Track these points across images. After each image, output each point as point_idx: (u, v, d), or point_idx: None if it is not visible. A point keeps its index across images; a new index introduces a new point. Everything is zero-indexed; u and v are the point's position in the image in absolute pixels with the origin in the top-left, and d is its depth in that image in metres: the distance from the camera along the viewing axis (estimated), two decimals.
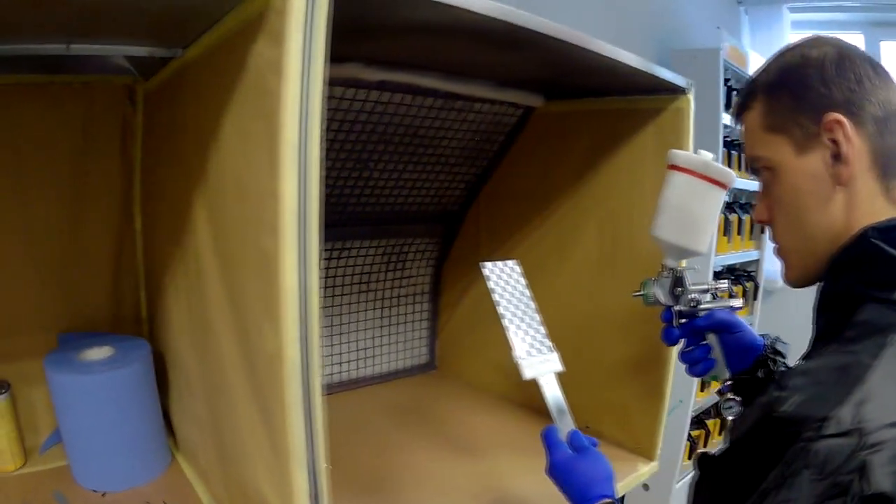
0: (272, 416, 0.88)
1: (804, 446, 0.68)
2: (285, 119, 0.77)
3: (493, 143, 1.97)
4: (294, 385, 0.83)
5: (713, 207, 1.22)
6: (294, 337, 0.81)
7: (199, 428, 1.31)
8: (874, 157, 0.88)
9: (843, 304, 0.85)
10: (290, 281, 0.80)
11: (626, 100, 1.66)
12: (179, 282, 1.32)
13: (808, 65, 0.91)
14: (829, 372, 0.75)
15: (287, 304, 0.80)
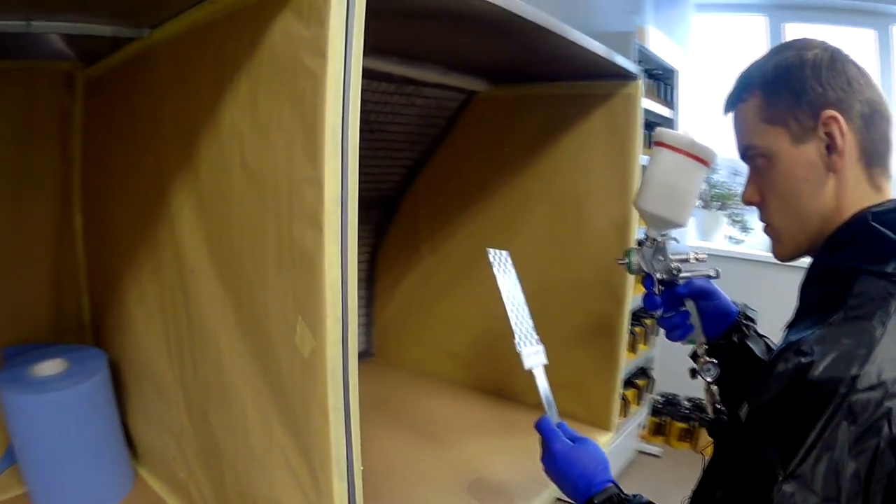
0: (304, 422, 0.82)
1: (842, 401, 0.76)
2: (328, 102, 0.71)
3: (435, 128, 1.93)
4: (334, 387, 0.77)
5: (696, 183, 1.27)
6: (337, 338, 0.76)
7: (177, 441, 1.21)
8: (861, 149, 0.97)
9: (839, 278, 0.92)
10: (332, 277, 0.75)
11: (575, 85, 1.65)
12: (146, 283, 1.21)
13: (805, 65, 0.98)
14: (847, 339, 0.82)
15: (329, 302, 0.75)
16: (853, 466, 0.75)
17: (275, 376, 0.87)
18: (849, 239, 0.96)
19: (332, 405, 0.77)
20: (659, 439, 4.18)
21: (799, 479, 0.77)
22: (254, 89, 0.85)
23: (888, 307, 0.83)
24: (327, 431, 0.79)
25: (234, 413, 0.98)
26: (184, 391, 1.14)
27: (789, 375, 0.83)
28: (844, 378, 0.78)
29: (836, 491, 0.75)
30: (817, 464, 0.76)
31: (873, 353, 0.79)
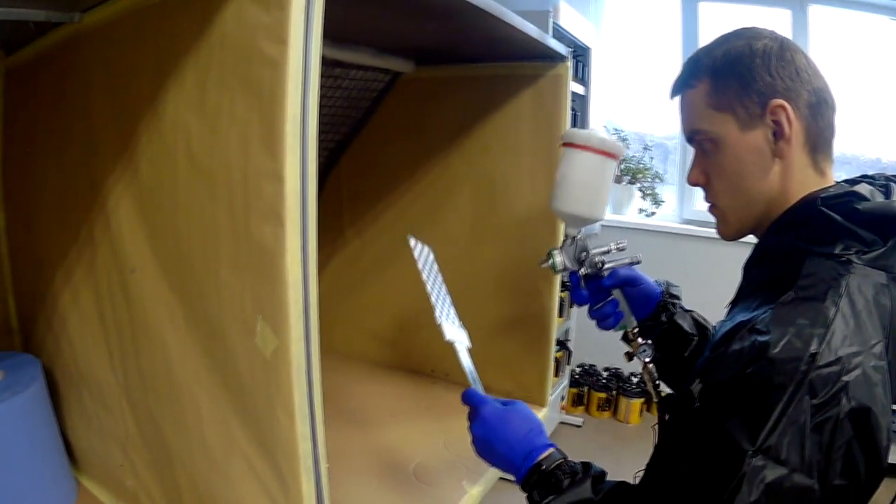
0: (268, 424, 0.78)
1: (803, 378, 0.80)
2: (288, 91, 0.67)
3: (358, 110, 1.88)
4: (299, 386, 0.73)
5: (608, 177, 1.30)
6: (300, 335, 0.72)
7: (122, 446, 1.13)
8: (807, 136, 1.00)
9: (787, 259, 0.96)
10: (294, 272, 0.71)
11: (503, 66, 1.63)
12: (79, 284, 1.13)
13: (754, 54, 1.00)
14: (802, 318, 0.85)
15: (292, 298, 0.71)
16: (815, 437, 0.78)
17: (233, 379, 0.83)
18: (797, 221, 0.99)
19: (298, 404, 0.74)
20: (579, 409, 4.25)
21: (767, 452, 0.80)
22: (201, 78, 0.79)
23: (839, 287, 0.87)
24: (294, 432, 0.75)
25: (188, 418, 0.93)
26: (128, 397, 1.08)
27: (748, 354, 0.85)
28: (804, 356, 0.81)
29: (800, 461, 0.78)
30: (783, 437, 0.79)
31: (829, 330, 0.83)
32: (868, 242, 0.92)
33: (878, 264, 0.91)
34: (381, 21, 1.27)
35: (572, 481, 1.03)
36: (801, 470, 0.79)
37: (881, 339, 0.86)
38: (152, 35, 0.87)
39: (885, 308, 0.88)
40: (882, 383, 0.83)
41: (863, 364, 0.82)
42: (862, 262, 0.90)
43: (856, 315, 0.86)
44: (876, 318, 0.87)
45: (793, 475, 0.79)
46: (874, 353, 0.84)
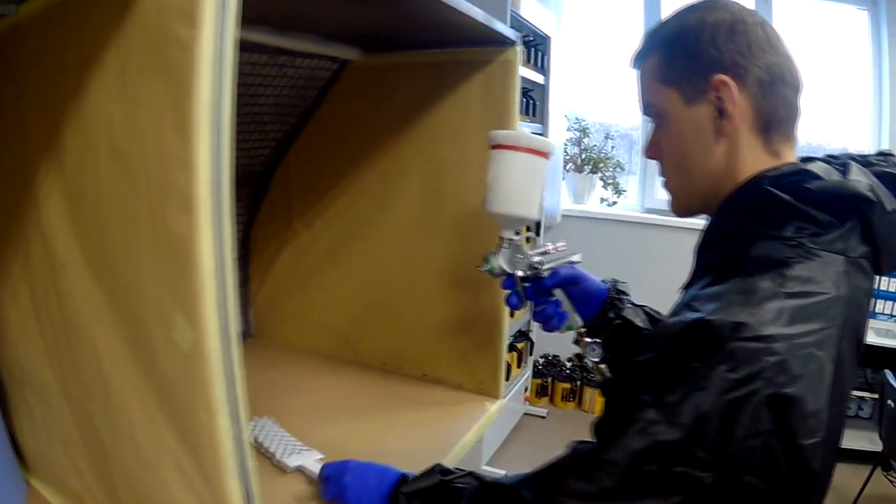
0: (189, 421, 0.76)
1: (722, 345, 0.77)
2: (201, 76, 0.64)
3: (305, 99, 1.84)
4: (219, 382, 0.70)
5: (539, 176, 1.29)
6: (215, 328, 0.69)
7: (65, 448, 1.10)
8: (756, 116, 0.96)
9: (736, 241, 0.92)
10: (208, 263, 0.67)
11: (452, 52, 1.61)
12: (17, 280, 1.09)
13: (703, 28, 0.97)
14: (737, 294, 0.83)
15: (206, 290, 0.68)
16: (725, 415, 0.75)
17: (157, 375, 0.80)
18: (745, 202, 0.96)
19: (219, 400, 0.71)
20: (543, 400, 4.26)
21: (665, 409, 0.78)
22: (123, 66, 0.76)
23: (784, 270, 0.84)
24: (216, 430, 0.72)
25: (120, 417, 0.90)
26: (66, 395, 1.04)
27: (676, 326, 0.84)
28: (727, 323, 0.79)
29: (700, 436, 0.76)
30: (685, 400, 0.77)
31: (761, 308, 0.80)
32: (823, 224, 0.88)
33: (834, 248, 0.87)
34: (321, 6, 1.24)
35: None
36: (696, 443, 0.76)
37: (827, 329, 0.82)
38: (79, 23, 0.84)
39: (838, 296, 0.84)
40: (813, 375, 0.79)
41: (792, 350, 0.78)
42: (816, 245, 0.87)
43: (797, 300, 0.81)
44: (824, 306, 0.83)
45: (685, 445, 0.76)
46: (810, 341, 0.80)
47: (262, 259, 2.12)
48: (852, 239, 0.89)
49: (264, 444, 1.39)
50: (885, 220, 0.90)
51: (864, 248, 0.90)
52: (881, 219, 0.89)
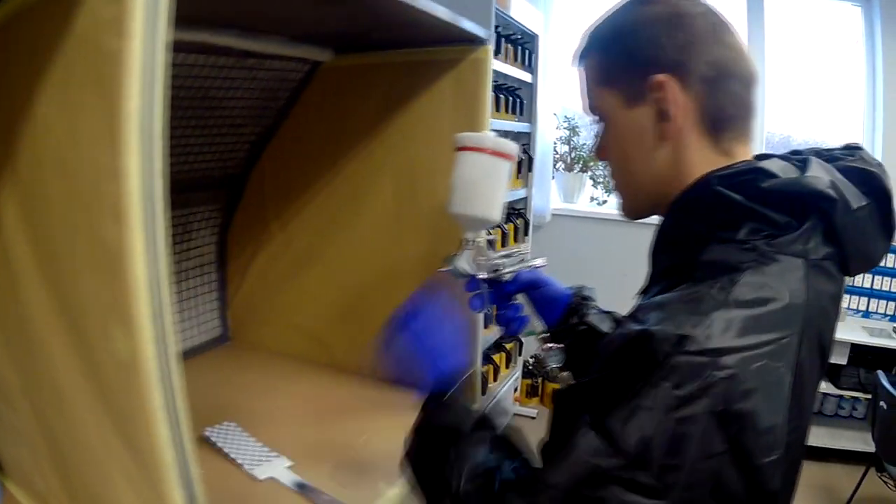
0: (131, 428, 0.76)
1: (665, 359, 0.73)
2: (129, 85, 0.64)
3: (278, 101, 1.85)
4: (156, 391, 0.70)
5: (502, 179, 1.28)
6: (149, 337, 0.69)
7: (30, 449, 1.11)
8: (701, 115, 0.91)
9: (688, 244, 0.88)
10: (140, 273, 0.67)
11: (423, 51, 1.61)
12: None
13: (641, 24, 0.93)
14: (683, 303, 0.79)
15: (139, 300, 0.68)
16: (667, 437, 0.71)
17: (102, 383, 0.80)
18: (694, 204, 0.90)
19: (157, 407, 0.71)
20: (534, 401, 4.26)
21: (606, 434, 0.73)
22: (66, 79, 0.76)
23: (735, 276, 0.78)
24: (157, 437, 0.72)
25: (74, 421, 0.91)
26: (28, 397, 1.05)
27: (618, 340, 0.80)
28: (670, 336, 0.74)
29: (645, 461, 0.71)
30: (627, 422, 0.72)
31: (708, 318, 0.74)
32: (780, 225, 0.82)
33: (793, 250, 0.81)
34: (281, 8, 1.24)
35: None
36: (640, 469, 0.71)
37: (784, 338, 0.76)
38: (29, 37, 0.84)
39: (797, 303, 0.79)
40: (769, 388, 0.74)
41: (745, 363, 0.72)
42: (772, 248, 0.81)
43: (749, 309, 0.76)
44: (780, 314, 0.77)
45: (629, 471, 0.72)
46: (765, 352, 0.74)
47: (240, 261, 2.13)
48: (813, 240, 0.83)
49: (230, 454, 1.41)
50: (850, 219, 0.84)
51: (827, 249, 0.84)
52: (845, 217, 0.84)
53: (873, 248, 0.90)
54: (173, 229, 1.92)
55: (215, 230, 2.10)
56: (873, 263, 0.92)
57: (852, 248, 0.86)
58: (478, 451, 0.95)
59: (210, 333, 2.16)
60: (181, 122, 1.66)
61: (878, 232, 0.90)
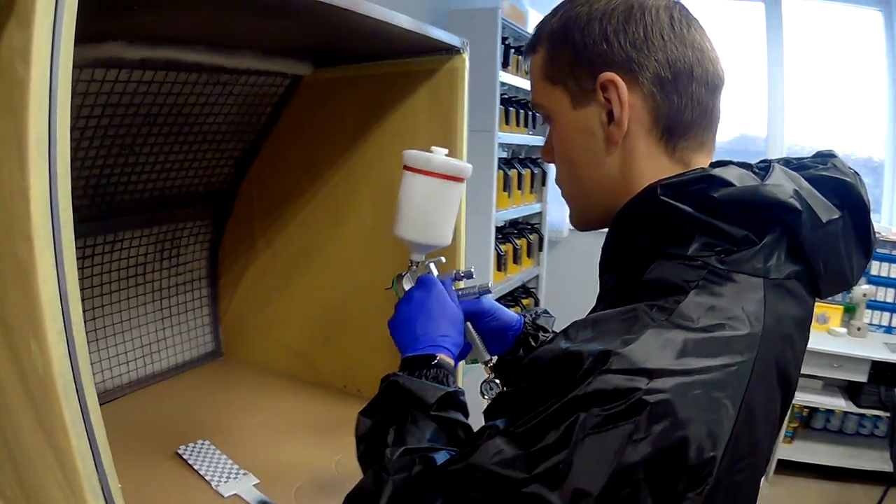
0: (56, 441, 0.79)
1: (585, 380, 0.67)
2: (34, 111, 0.68)
3: (260, 116, 1.88)
4: (72, 405, 0.74)
5: (450, 202, 1.24)
6: (62, 352, 0.73)
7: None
8: (655, 119, 0.84)
9: (633, 260, 0.81)
10: (48, 290, 0.71)
11: (398, 63, 1.63)
12: None
13: (591, 17, 0.85)
14: (617, 321, 0.72)
15: (48, 316, 0.71)
16: (579, 461, 0.64)
17: (31, 392, 0.83)
18: (639, 216, 0.83)
19: (70, 420, 0.74)
20: None
21: (514, 441, 0.69)
22: None
23: (680, 297, 0.72)
24: (70, 449, 0.75)
25: (22, 431, 0.93)
26: None
27: (543, 358, 0.74)
28: (594, 352, 0.68)
29: (550, 480, 0.65)
30: (536, 440, 0.67)
31: (636, 337, 0.68)
32: (737, 240, 0.75)
33: (750, 268, 0.75)
34: (222, 22, 1.25)
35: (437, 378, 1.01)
36: (544, 482, 0.65)
37: (732, 366, 0.69)
38: None
39: (750, 330, 0.72)
40: (704, 420, 0.66)
41: (680, 389, 0.65)
42: (725, 265, 0.74)
43: (693, 332, 0.69)
44: (729, 340, 0.70)
45: (530, 485, 0.65)
46: (706, 380, 0.67)
47: (230, 276, 2.18)
48: (775, 257, 0.76)
49: (199, 470, 1.45)
50: (820, 234, 0.77)
51: (793, 267, 0.78)
52: (814, 232, 0.77)
53: (848, 266, 0.83)
54: (161, 244, 1.97)
55: (206, 245, 2.14)
56: (848, 284, 0.85)
57: (822, 267, 0.80)
58: (426, 430, 0.92)
59: (203, 349, 2.20)
60: (159, 139, 1.70)
61: (854, 248, 0.83)
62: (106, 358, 1.88)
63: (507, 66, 3.31)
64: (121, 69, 1.41)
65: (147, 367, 2.02)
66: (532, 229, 3.99)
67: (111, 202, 1.73)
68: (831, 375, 3.77)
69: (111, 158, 1.62)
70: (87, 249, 1.75)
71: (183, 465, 1.51)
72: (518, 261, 3.76)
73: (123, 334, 1.94)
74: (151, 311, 2.03)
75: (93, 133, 1.51)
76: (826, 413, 4.17)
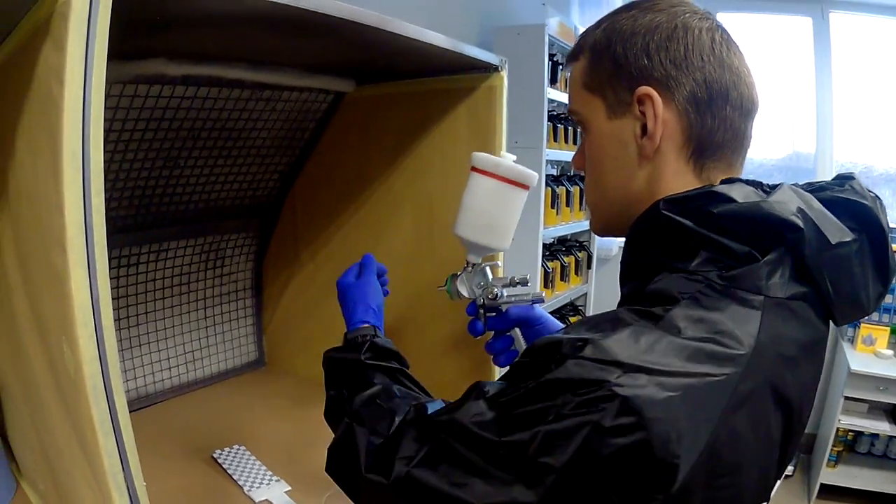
0: (85, 439, 0.84)
1: (559, 365, 0.71)
2: (67, 128, 0.73)
3: (304, 131, 1.93)
4: (100, 405, 0.78)
5: (514, 207, 1.27)
6: (92, 355, 0.77)
7: (32, 452, 1.23)
8: (687, 137, 0.86)
9: (645, 273, 0.83)
10: (81, 297, 0.75)
11: (438, 80, 1.66)
12: None
13: (635, 31, 0.87)
14: (606, 320, 0.75)
15: (80, 321, 0.76)
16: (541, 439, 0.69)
17: (63, 393, 0.89)
18: (649, 230, 0.85)
19: (98, 420, 0.78)
20: None
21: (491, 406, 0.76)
22: (30, 122, 0.87)
23: (669, 307, 0.74)
24: (97, 447, 0.79)
25: (55, 430, 1.00)
26: (28, 407, 1.16)
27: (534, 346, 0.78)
28: (572, 340, 0.71)
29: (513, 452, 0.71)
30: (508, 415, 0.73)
31: (619, 333, 0.71)
32: (739, 257, 0.76)
33: (749, 284, 0.74)
34: (261, 39, 1.30)
35: None
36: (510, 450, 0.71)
37: (711, 375, 0.69)
38: (13, 76, 0.95)
39: (740, 346, 0.71)
40: (677, 417, 0.66)
41: (650, 388, 0.66)
42: (725, 281, 0.74)
43: (678, 338, 0.70)
44: (713, 351, 0.70)
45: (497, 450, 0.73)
46: (681, 384, 0.67)
47: (274, 288, 2.24)
48: (777, 275, 0.75)
49: (233, 475, 1.50)
50: (827, 256, 0.77)
51: (799, 288, 0.77)
52: (822, 253, 0.76)
53: (864, 291, 0.82)
54: (206, 255, 2.05)
55: (251, 257, 2.21)
56: (864, 310, 0.83)
57: (832, 290, 0.78)
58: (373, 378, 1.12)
59: (246, 357, 2.28)
60: (203, 153, 1.76)
61: (870, 273, 0.82)
62: (149, 363, 1.96)
63: (555, 83, 3.32)
64: (164, 85, 1.48)
65: (190, 373, 2.10)
66: (580, 247, 3.99)
67: (156, 213, 1.80)
68: (877, 399, 3.71)
69: (156, 171, 1.69)
70: (132, 258, 1.83)
71: (217, 469, 1.57)
72: (566, 278, 3.76)
73: (167, 340, 2.01)
74: (196, 319, 2.10)
75: (137, 146, 1.58)
76: (871, 437, 4.11)
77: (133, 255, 1.82)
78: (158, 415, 1.88)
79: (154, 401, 1.95)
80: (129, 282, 1.85)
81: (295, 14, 1.02)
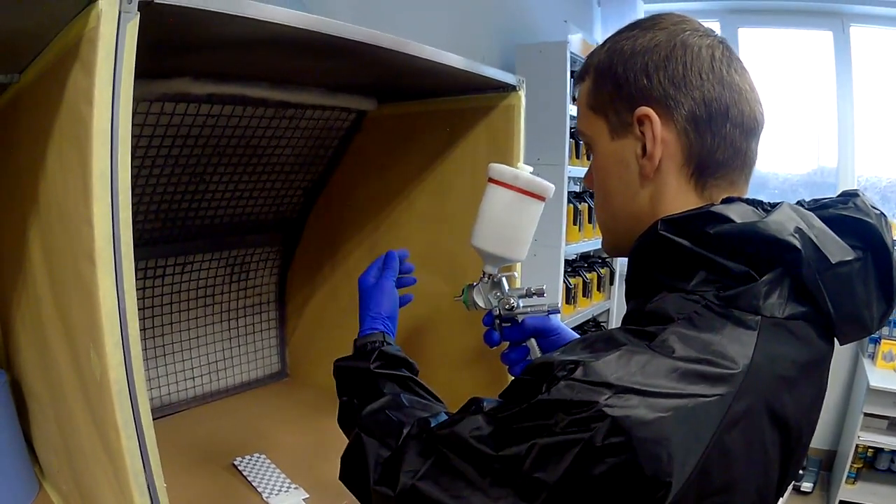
0: (109, 441, 0.88)
1: (549, 386, 0.72)
2: (97, 148, 0.78)
3: (327, 149, 1.97)
4: (124, 409, 0.83)
5: (531, 219, 1.28)
6: (118, 361, 0.82)
7: (56, 454, 1.28)
8: (687, 156, 0.87)
9: (647, 292, 0.84)
10: (108, 306, 0.80)
11: (457, 99, 1.69)
12: (23, 308, 1.29)
13: (635, 52, 0.88)
14: (600, 341, 0.77)
15: (107, 329, 0.81)
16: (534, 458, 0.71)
17: (88, 396, 0.94)
18: (648, 250, 0.86)
19: (122, 423, 0.83)
20: None
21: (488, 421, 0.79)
22: (60, 140, 0.92)
23: (663, 327, 0.75)
24: (121, 448, 0.84)
25: (79, 433, 1.04)
26: (54, 410, 1.21)
27: (534, 363, 0.80)
28: (564, 363, 0.73)
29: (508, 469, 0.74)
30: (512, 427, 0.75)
31: (612, 354, 0.72)
32: (737, 276, 0.76)
33: (745, 304, 0.74)
34: (283, 60, 1.34)
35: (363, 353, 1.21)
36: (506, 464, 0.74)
37: (702, 396, 0.69)
38: (44, 96, 1.01)
39: (735, 366, 0.72)
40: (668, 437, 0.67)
41: (640, 409, 0.67)
42: (721, 301, 0.75)
43: (668, 357, 0.71)
44: (705, 372, 0.71)
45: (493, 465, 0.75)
46: (670, 405, 0.68)
47: (297, 302, 2.30)
48: (776, 295, 0.75)
49: (253, 482, 1.54)
50: (828, 276, 0.76)
51: (798, 308, 0.77)
52: (822, 273, 0.76)
53: (867, 310, 0.81)
54: (231, 268, 2.10)
55: (275, 271, 2.26)
56: (867, 329, 0.82)
57: (833, 309, 0.78)
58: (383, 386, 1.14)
59: (269, 369, 2.32)
60: (228, 169, 1.82)
61: (874, 291, 0.81)
62: (173, 372, 2.01)
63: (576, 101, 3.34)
64: (189, 103, 1.53)
65: (213, 383, 2.15)
66: (603, 263, 4.01)
67: (182, 226, 1.86)
68: None
69: (182, 186, 1.75)
70: (159, 269, 1.88)
71: (237, 476, 1.61)
72: (588, 294, 3.78)
73: (191, 351, 2.07)
74: (220, 330, 2.16)
75: (164, 162, 1.63)
76: (891, 454, 4.07)
77: (159, 267, 1.88)
78: (181, 423, 1.93)
79: (177, 409, 2.00)
80: (154, 293, 1.90)
81: (315, 38, 1.07)
